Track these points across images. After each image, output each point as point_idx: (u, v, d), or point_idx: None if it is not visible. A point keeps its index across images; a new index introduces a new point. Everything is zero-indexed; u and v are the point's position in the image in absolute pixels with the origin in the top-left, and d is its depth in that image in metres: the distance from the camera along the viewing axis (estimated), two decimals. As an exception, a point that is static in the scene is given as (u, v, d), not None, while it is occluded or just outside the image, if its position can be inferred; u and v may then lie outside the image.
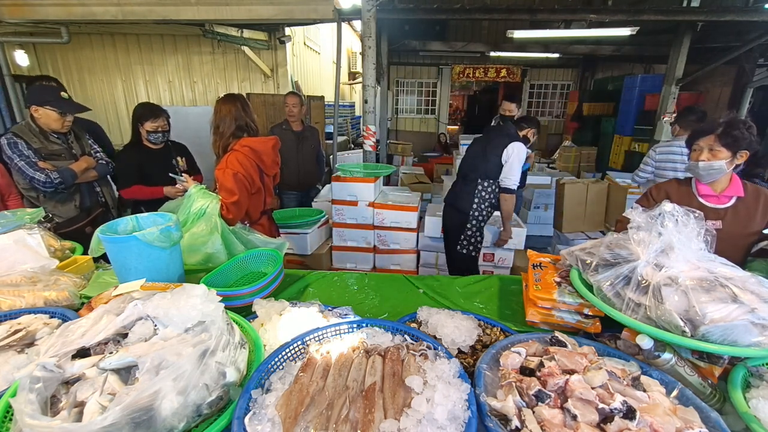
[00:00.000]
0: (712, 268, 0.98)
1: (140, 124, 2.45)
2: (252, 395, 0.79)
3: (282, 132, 3.49)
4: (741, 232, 1.55)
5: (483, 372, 0.84)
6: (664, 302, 0.91)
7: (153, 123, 2.43)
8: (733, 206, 1.56)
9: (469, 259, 2.77)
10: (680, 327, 0.88)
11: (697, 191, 1.62)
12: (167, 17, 4.13)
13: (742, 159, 1.52)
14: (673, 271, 0.96)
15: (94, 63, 5.25)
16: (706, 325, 0.86)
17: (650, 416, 0.69)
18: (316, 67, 7.36)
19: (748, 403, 0.80)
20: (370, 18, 3.67)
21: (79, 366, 0.77)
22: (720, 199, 1.58)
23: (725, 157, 1.50)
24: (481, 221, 2.69)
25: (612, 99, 7.62)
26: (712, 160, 1.51)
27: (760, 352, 0.84)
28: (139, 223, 1.42)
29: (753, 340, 0.85)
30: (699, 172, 1.56)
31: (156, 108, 2.48)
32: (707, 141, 1.53)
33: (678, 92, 5.30)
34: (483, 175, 2.62)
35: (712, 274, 0.95)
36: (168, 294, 0.90)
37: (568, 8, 4.76)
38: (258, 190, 1.92)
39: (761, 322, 0.85)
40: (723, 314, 0.86)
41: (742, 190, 1.57)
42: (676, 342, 0.87)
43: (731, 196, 1.57)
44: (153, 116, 2.43)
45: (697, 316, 0.87)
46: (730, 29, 5.00)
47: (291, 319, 1.10)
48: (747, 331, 0.85)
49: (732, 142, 1.48)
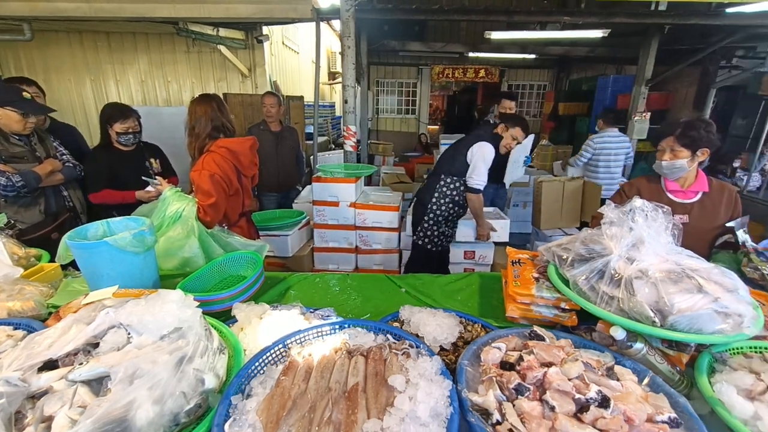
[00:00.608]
0: (679, 261, 1.02)
1: (109, 126, 2.36)
2: (232, 401, 0.77)
3: (260, 132, 3.44)
4: (706, 225, 1.63)
5: (464, 368, 0.85)
6: (635, 294, 0.95)
7: (122, 124, 2.34)
8: (699, 201, 1.65)
9: (425, 253, 2.84)
10: (651, 318, 0.92)
11: (666, 187, 1.70)
12: (141, 15, 3.99)
13: (704, 156, 1.60)
14: (644, 264, 1.00)
15: (61, 62, 5.01)
16: (674, 315, 0.90)
17: (623, 404, 0.72)
18: (295, 67, 7.28)
19: (713, 388, 0.84)
20: (349, 18, 3.65)
21: (46, 379, 0.73)
22: (686, 194, 1.66)
23: (685, 156, 1.59)
24: (439, 216, 2.74)
25: (586, 99, 7.85)
26: (673, 159, 1.61)
27: (723, 338, 0.89)
28: (111, 228, 1.37)
29: (717, 327, 0.89)
30: (663, 171, 1.66)
31: (125, 108, 2.39)
32: (668, 142, 1.62)
33: (648, 92, 5.52)
34: (447, 171, 2.70)
35: (680, 266, 1.00)
36: (142, 300, 0.88)
37: (544, 10, 4.88)
38: (236, 191, 1.89)
39: (724, 310, 0.90)
40: (689, 304, 0.90)
41: (707, 185, 1.65)
42: (648, 332, 0.91)
43: (697, 191, 1.65)
44: (122, 117, 2.34)
45: (665, 307, 0.91)
46: (694, 32, 5.24)
47: (272, 323, 1.08)
48: (711, 319, 0.90)
49: (690, 143, 1.57)
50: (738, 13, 4.19)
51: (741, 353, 0.96)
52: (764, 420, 0.74)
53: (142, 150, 2.51)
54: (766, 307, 1.15)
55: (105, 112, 2.38)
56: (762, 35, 4.72)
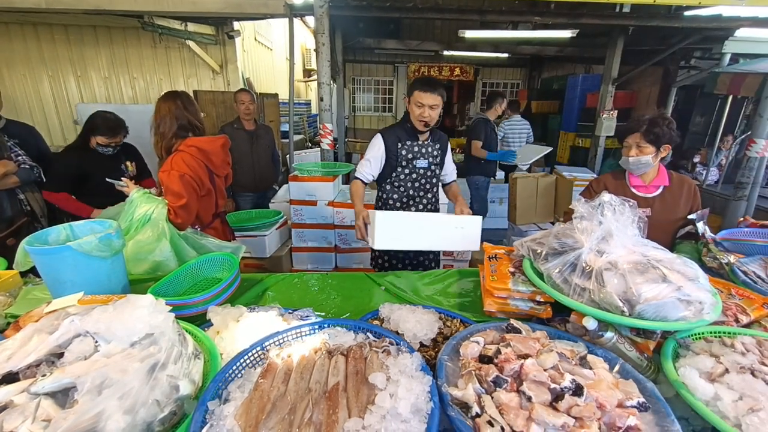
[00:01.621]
0: (645, 252, 1.07)
1: (92, 134, 2.28)
2: (209, 407, 0.75)
3: (234, 131, 3.35)
4: (668, 218, 1.71)
5: (444, 363, 0.86)
6: (605, 285, 0.99)
7: (107, 139, 2.28)
8: (661, 195, 1.73)
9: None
10: (620, 307, 0.96)
11: (629, 182, 1.77)
12: (100, 7, 3.79)
13: (666, 152, 1.69)
14: (613, 257, 1.04)
15: (13, 56, 4.68)
16: (641, 304, 0.94)
17: (596, 391, 0.75)
18: (268, 64, 7.12)
19: (677, 372, 0.89)
20: (323, 14, 3.61)
21: (6, 393, 0.69)
22: (648, 189, 1.75)
23: (650, 153, 1.66)
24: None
25: (557, 97, 8.09)
26: (639, 155, 1.67)
27: (686, 324, 0.94)
28: (74, 232, 1.30)
29: (680, 315, 0.95)
30: (630, 167, 1.73)
31: (115, 126, 2.30)
32: (634, 138, 1.69)
33: (614, 91, 5.74)
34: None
35: (645, 257, 1.05)
36: (110, 307, 0.84)
37: (515, 10, 4.97)
38: (208, 191, 1.83)
39: (686, 298, 0.95)
40: (655, 293, 0.95)
41: (668, 179, 1.74)
42: (617, 321, 0.95)
43: (659, 185, 1.74)
44: (110, 134, 2.27)
45: (633, 297, 0.95)
46: (656, 33, 5.49)
47: (249, 325, 1.06)
48: (675, 307, 0.95)
49: (655, 139, 1.64)
50: (695, 16, 4.43)
51: (702, 338, 1.02)
52: (724, 400, 0.79)
53: (119, 153, 2.42)
54: (723, 294, 1.22)
55: (93, 122, 2.29)
56: (717, 37, 5.00)
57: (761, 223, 1.63)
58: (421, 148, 2.08)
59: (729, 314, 1.11)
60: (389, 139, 2.06)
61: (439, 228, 1.69)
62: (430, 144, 2.11)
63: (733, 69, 4.78)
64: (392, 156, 2.07)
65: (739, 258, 1.44)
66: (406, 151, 2.06)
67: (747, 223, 1.67)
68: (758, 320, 1.12)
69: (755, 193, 4.17)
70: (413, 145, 2.07)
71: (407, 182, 2.13)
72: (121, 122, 2.34)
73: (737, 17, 4.28)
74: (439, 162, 2.17)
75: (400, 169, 2.10)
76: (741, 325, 1.09)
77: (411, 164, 2.09)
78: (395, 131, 2.09)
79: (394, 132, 2.08)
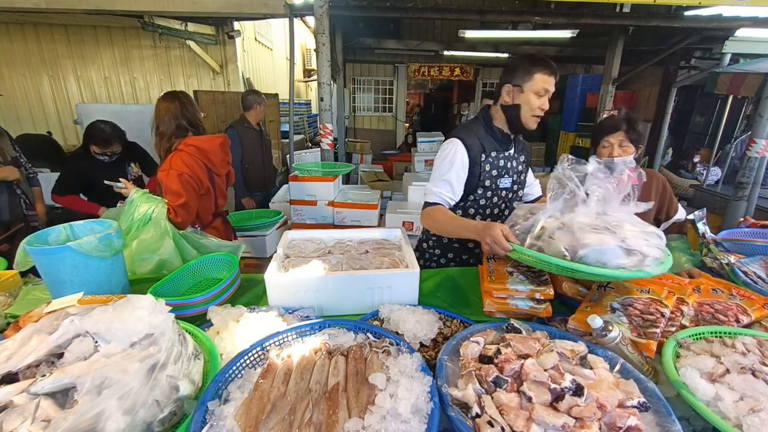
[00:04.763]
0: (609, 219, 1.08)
1: (89, 143, 2.33)
2: (209, 407, 0.75)
3: (244, 130, 3.36)
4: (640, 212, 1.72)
5: (444, 363, 0.86)
6: (554, 239, 1.04)
7: (101, 149, 2.32)
8: None
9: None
10: (562, 252, 0.99)
11: None
12: (100, 7, 3.80)
13: (639, 152, 1.68)
14: (567, 219, 1.08)
15: (13, 55, 4.69)
16: (583, 249, 0.97)
17: (596, 391, 0.74)
18: (269, 64, 7.13)
19: (678, 372, 0.88)
20: (323, 14, 3.61)
21: (5, 393, 0.69)
22: None
23: (632, 152, 1.65)
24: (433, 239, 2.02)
25: (557, 97, 8.09)
26: (623, 155, 1.63)
27: (625, 273, 0.96)
28: (74, 232, 1.30)
29: (619, 262, 0.96)
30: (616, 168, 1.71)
31: (108, 137, 2.32)
32: (616, 137, 1.65)
33: (614, 91, 5.74)
34: None
35: (605, 222, 1.06)
36: (110, 307, 0.84)
37: (515, 10, 4.98)
38: (207, 191, 1.83)
39: (627, 247, 0.97)
40: (597, 239, 0.97)
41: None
42: (558, 263, 0.98)
43: None
44: (104, 145, 2.31)
45: (576, 243, 0.99)
46: (656, 33, 5.50)
47: (249, 325, 1.06)
48: (616, 255, 0.97)
49: (636, 138, 1.64)
50: (695, 16, 4.43)
51: (703, 338, 1.02)
52: (725, 401, 0.79)
53: (122, 159, 2.46)
54: (724, 294, 1.22)
55: (89, 133, 2.33)
56: (716, 37, 5.01)
57: (761, 223, 1.63)
58: (508, 161, 1.54)
59: (730, 315, 1.11)
60: (473, 148, 1.48)
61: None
62: (515, 156, 1.56)
63: (733, 69, 4.78)
64: (474, 172, 1.50)
65: (740, 258, 1.43)
66: (490, 166, 1.51)
67: (747, 223, 1.66)
68: (759, 320, 1.12)
69: (755, 193, 4.17)
70: (499, 158, 1.52)
71: (485, 209, 1.57)
72: (117, 133, 2.36)
73: (737, 17, 4.28)
74: (523, 180, 1.65)
75: (481, 191, 1.52)
76: (742, 326, 1.08)
77: (494, 184, 1.53)
78: (476, 136, 1.51)
79: (475, 136, 1.50)
